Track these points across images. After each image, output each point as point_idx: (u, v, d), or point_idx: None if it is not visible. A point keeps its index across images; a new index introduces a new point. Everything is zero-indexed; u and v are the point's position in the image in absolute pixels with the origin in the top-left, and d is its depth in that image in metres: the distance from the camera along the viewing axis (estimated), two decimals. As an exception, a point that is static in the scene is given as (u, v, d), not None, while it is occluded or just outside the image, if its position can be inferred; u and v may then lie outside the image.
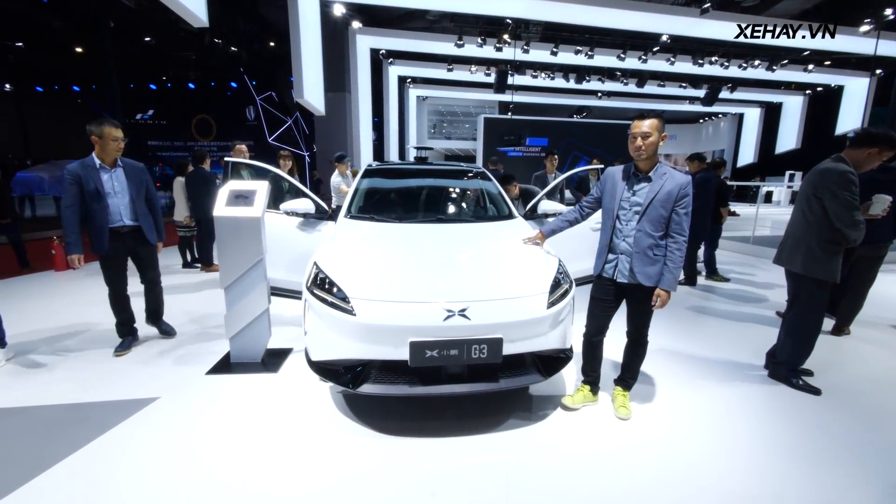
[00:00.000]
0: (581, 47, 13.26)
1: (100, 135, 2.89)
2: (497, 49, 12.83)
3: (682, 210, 2.14)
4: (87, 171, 2.91)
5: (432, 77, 18.13)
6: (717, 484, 1.90)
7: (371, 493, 1.81)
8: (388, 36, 12.92)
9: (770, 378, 2.89)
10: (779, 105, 20.42)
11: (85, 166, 2.92)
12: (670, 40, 12.34)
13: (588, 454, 2.09)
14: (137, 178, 3.13)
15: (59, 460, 1.97)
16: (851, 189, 2.44)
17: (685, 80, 17.05)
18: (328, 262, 2.41)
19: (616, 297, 2.34)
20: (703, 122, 27.10)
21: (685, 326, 3.92)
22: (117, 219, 3.03)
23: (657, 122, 2.12)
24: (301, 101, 8.43)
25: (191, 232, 5.92)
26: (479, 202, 3.76)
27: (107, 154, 2.97)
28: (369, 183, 3.68)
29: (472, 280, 2.30)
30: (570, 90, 18.63)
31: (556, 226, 2.64)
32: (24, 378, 2.79)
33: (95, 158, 2.97)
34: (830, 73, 15.76)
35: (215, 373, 2.88)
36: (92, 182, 2.90)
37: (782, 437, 2.26)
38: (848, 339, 3.66)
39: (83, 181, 2.88)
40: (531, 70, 16.20)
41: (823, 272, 2.56)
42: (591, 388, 2.49)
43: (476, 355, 2.04)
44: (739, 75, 15.33)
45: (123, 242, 3.08)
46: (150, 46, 16.39)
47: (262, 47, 16.34)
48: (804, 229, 2.64)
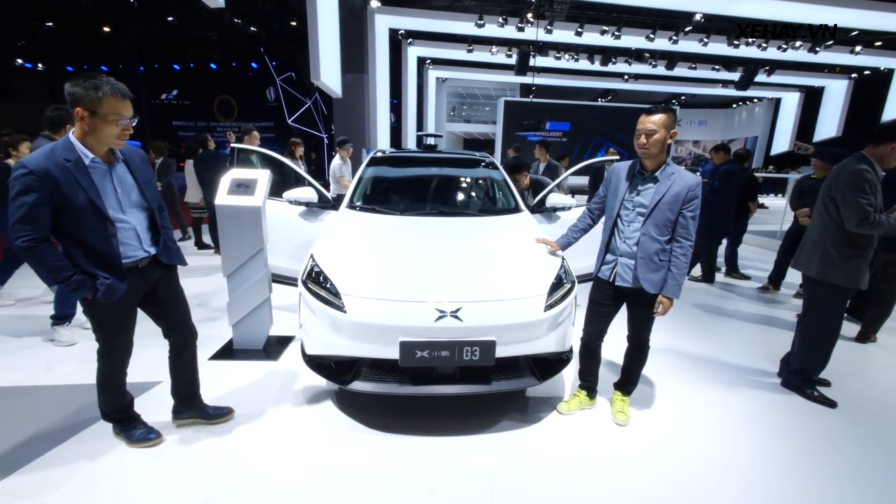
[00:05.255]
0: (608, 27, 12.65)
1: (92, 107, 1.61)
2: (519, 29, 12.37)
3: (689, 213, 2.01)
4: (66, 169, 1.60)
5: (452, 58, 17.71)
6: (713, 498, 1.83)
7: (351, 487, 1.81)
8: (407, 15, 12.62)
9: (783, 387, 2.75)
10: (820, 90, 19.14)
11: (56, 160, 1.59)
12: (704, 19, 11.64)
13: (581, 461, 2.03)
14: (146, 173, 1.91)
15: (60, 442, 2.04)
16: (864, 189, 2.27)
17: (718, 63, 16.13)
18: (324, 256, 2.40)
19: (615, 300, 2.24)
20: (737, 106, 25.74)
21: (696, 326, 3.77)
22: (135, 248, 1.82)
23: (665, 119, 1.98)
24: (318, 82, 8.36)
25: (204, 213, 6.03)
26: (485, 194, 3.66)
27: (100, 142, 1.69)
28: (374, 172, 3.62)
29: (467, 279, 2.24)
30: (595, 72, 17.89)
31: (570, 238, 2.49)
32: (27, 358, 2.89)
33: (78, 145, 1.66)
34: (880, 56, 14.63)
35: (217, 358, 2.94)
36: (78, 187, 1.62)
37: (790, 452, 2.15)
38: (873, 347, 3.46)
39: (59, 183, 1.58)
40: (554, 51, 15.60)
41: (840, 278, 2.40)
42: (588, 393, 2.42)
43: (468, 357, 2.00)
44: (778, 57, 14.39)
45: (142, 280, 1.88)
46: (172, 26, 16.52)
47: (282, 27, 16.26)
48: (821, 232, 2.48)
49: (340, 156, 5.99)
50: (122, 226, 1.76)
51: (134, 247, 1.81)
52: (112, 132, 1.67)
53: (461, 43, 15.00)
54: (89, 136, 1.67)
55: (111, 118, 1.64)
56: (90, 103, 1.61)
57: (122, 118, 1.67)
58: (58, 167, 1.59)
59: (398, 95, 15.83)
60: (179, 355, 2.10)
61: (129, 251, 1.79)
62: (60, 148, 1.63)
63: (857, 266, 2.40)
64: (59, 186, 1.58)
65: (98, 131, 1.66)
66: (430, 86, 19.71)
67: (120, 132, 1.69)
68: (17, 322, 3.43)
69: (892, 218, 2.31)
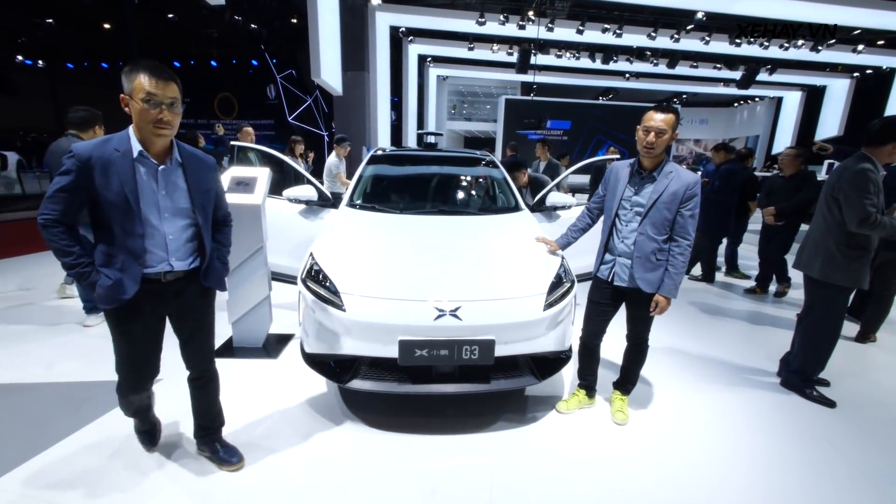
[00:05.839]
0: (609, 25, 12.61)
1: (129, 91, 1.52)
2: (520, 27, 12.34)
3: (687, 212, 2.00)
4: (111, 159, 1.52)
5: (453, 56, 17.67)
6: (712, 498, 1.83)
7: (350, 485, 1.82)
8: (408, 13, 12.59)
9: (782, 387, 2.75)
10: (822, 88, 19.09)
11: (106, 149, 1.53)
12: (706, 18, 11.60)
13: (579, 460, 2.04)
14: (205, 182, 1.73)
15: (62, 438, 2.04)
16: (868, 189, 2.25)
17: (720, 61, 16.08)
18: (323, 254, 2.39)
19: (614, 300, 2.23)
20: (738, 105, 25.69)
21: (696, 325, 3.77)
22: (160, 259, 1.64)
23: (673, 119, 1.97)
24: (318, 80, 8.35)
25: None
26: (485, 192, 3.65)
27: (143, 132, 1.56)
28: (374, 170, 3.62)
29: (466, 278, 2.23)
30: (597, 71, 17.86)
31: (570, 238, 2.49)
32: (28, 355, 2.89)
33: (133, 137, 1.57)
34: (882, 55, 14.58)
35: (217, 356, 2.90)
36: (117, 178, 1.52)
37: (788, 451, 2.15)
38: (873, 347, 3.45)
39: (96, 173, 1.50)
40: (555, 49, 15.56)
41: (843, 278, 2.40)
42: (587, 393, 2.42)
43: (467, 356, 2.00)
44: (780, 56, 14.34)
45: (163, 300, 1.70)
46: (173, 24, 16.49)
47: (283, 24, 16.22)
48: (823, 232, 2.47)
49: (337, 153, 5.91)
50: (151, 230, 1.60)
51: (158, 256, 1.63)
52: (145, 116, 1.50)
53: (462, 41, 14.98)
54: (136, 126, 1.56)
55: (140, 97, 1.49)
56: (127, 86, 1.52)
57: (153, 98, 1.49)
58: (103, 155, 1.51)
59: (399, 93, 15.81)
60: (196, 387, 1.91)
61: (152, 260, 1.62)
62: (117, 138, 1.57)
63: (861, 266, 2.40)
64: (95, 175, 1.49)
65: (136, 117, 1.54)
66: (431, 84, 19.68)
67: (155, 116, 1.51)
68: (18, 319, 3.44)
69: (894, 219, 2.30)
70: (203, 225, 1.70)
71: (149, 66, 1.52)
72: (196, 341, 1.86)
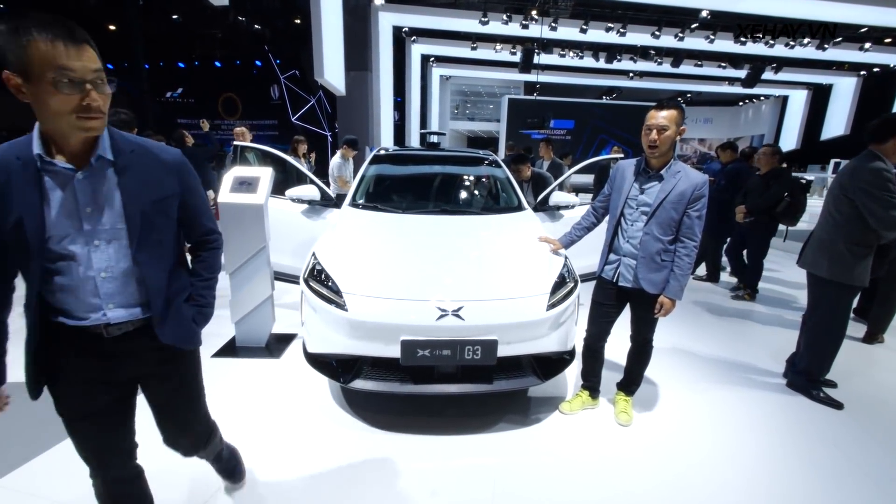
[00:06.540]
0: (613, 24, 12.55)
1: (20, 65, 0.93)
2: (523, 26, 12.32)
3: (695, 213, 1.97)
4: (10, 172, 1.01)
5: (456, 56, 17.67)
6: (717, 499, 1.81)
7: (352, 486, 1.81)
8: (411, 13, 12.59)
9: (788, 388, 2.72)
10: (828, 87, 18.93)
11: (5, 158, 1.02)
12: (710, 16, 11.52)
13: (582, 461, 2.02)
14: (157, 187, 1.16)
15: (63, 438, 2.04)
16: (889, 187, 2.22)
17: (725, 60, 15.97)
18: (325, 254, 2.39)
19: (618, 301, 2.21)
20: (743, 104, 25.52)
21: (700, 325, 3.74)
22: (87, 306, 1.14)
23: (676, 115, 1.94)
24: (321, 80, 8.36)
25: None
26: (487, 192, 3.64)
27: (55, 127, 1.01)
28: (376, 170, 3.61)
29: (469, 278, 2.22)
30: (600, 70, 17.80)
31: (573, 236, 2.48)
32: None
33: (35, 136, 1.02)
34: (889, 52, 14.44)
35: (220, 356, 2.95)
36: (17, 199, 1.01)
37: (794, 453, 2.13)
38: (880, 348, 3.41)
39: None
40: (559, 49, 15.51)
41: (851, 277, 2.37)
42: (590, 394, 2.41)
43: (469, 356, 1.99)
44: (785, 54, 14.23)
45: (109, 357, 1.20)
46: (177, 24, 16.57)
47: (286, 25, 16.27)
48: (831, 231, 2.44)
49: (343, 154, 5.63)
50: (66, 264, 1.08)
51: (87, 304, 1.12)
52: (60, 105, 0.95)
53: (465, 40, 14.96)
54: (41, 118, 1.00)
55: (49, 77, 0.93)
56: (16, 60, 0.93)
57: (69, 74, 0.94)
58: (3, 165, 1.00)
59: (402, 93, 15.80)
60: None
61: (79, 309, 1.12)
62: (24, 140, 1.04)
63: (867, 264, 2.38)
64: None
65: (41, 107, 0.97)
66: (434, 83, 19.68)
67: (78, 103, 0.96)
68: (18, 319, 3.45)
69: None
70: (149, 247, 1.14)
71: (46, 22, 0.93)
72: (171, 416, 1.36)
